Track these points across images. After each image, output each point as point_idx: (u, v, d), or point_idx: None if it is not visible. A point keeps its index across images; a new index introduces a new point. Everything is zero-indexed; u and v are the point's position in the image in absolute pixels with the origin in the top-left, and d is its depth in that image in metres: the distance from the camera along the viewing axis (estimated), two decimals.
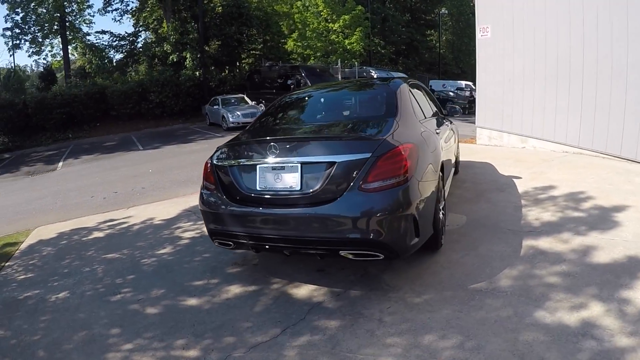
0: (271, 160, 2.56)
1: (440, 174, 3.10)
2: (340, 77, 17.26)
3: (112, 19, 54.01)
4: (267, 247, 2.64)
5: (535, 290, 2.41)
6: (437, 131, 3.39)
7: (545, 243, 3.00)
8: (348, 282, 2.77)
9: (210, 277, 3.14)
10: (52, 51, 23.11)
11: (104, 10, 23.57)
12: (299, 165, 2.48)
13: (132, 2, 24.51)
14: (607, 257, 2.71)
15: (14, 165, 13.11)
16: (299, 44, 17.77)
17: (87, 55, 23.24)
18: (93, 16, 23.64)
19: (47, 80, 21.75)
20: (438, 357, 1.94)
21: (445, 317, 2.24)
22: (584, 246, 2.89)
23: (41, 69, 25.29)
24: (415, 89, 3.75)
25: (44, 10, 20.88)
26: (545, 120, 5.86)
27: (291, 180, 2.49)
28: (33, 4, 20.47)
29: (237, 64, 24.70)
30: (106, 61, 22.59)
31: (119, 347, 2.38)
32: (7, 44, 21.85)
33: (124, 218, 5.16)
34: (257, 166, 2.62)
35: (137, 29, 24.17)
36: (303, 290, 2.74)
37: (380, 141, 2.43)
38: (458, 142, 5.35)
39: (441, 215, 3.07)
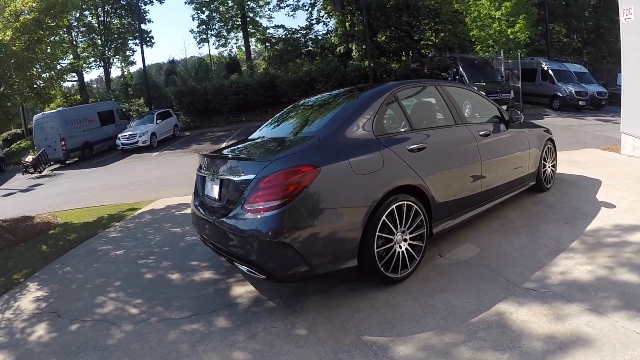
0: (209, 172, 3.11)
1: (410, 198, 2.92)
2: (503, 69, 15.61)
3: (286, 14, 62.40)
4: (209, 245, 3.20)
5: None
6: (416, 147, 3.06)
7: (525, 314, 2.43)
8: (279, 293, 3.05)
9: (206, 260, 3.89)
10: (237, 43, 28.54)
11: (278, 6, 27.55)
12: (219, 179, 2.94)
13: None
14: None
15: (188, 142, 17.17)
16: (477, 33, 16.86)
17: (263, 46, 27.50)
18: (273, 11, 27.62)
19: (231, 70, 26.83)
20: None
21: (302, 357, 2.27)
22: (576, 335, 2.19)
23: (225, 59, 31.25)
24: (411, 97, 3.53)
25: (225, 9, 25.83)
26: None
27: (216, 192, 2.98)
28: (216, 3, 25.59)
29: (410, 54, 25.02)
30: (278, 53, 26.13)
31: (108, 294, 3.41)
32: (195, 39, 27.81)
33: None
34: (205, 177, 3.20)
35: (309, 23, 27.24)
36: (242, 289, 3.18)
37: (267, 163, 2.57)
38: (543, 152, 4.67)
39: (402, 247, 2.91)
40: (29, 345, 2.72)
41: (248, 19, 26.76)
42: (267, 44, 27.02)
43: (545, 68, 15.81)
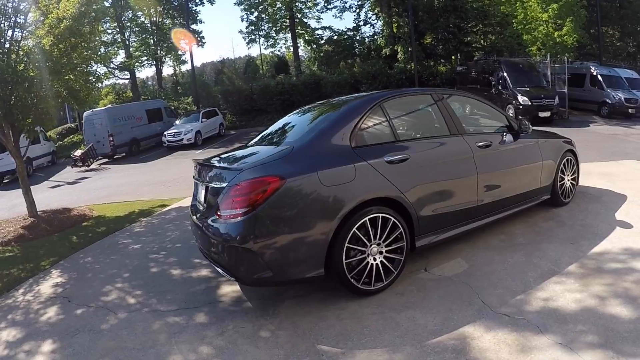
0: (199, 178, 3.37)
1: (387, 210, 2.94)
2: (549, 74, 14.89)
3: (333, 15, 63.11)
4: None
5: None
6: (396, 159, 3.05)
7: (489, 341, 2.32)
8: (259, 295, 3.24)
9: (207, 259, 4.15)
10: (285, 44, 29.00)
11: (325, 8, 27.77)
12: (205, 185, 3.18)
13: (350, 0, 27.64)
14: None
15: (231, 141, 17.72)
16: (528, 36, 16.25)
17: (310, 48, 27.97)
18: (322, 12, 27.76)
19: (279, 70, 27.46)
20: None
21: (256, 359, 2.39)
22: None
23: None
24: (402, 108, 3.55)
25: (274, 10, 26.41)
26: None
27: (202, 197, 3.23)
28: (265, 4, 26.20)
29: (459, 56, 24.47)
30: (323, 54, 26.47)
31: (115, 284, 3.80)
32: (245, 39, 28.51)
33: None
34: (197, 183, 3.47)
35: (357, 24, 27.31)
36: (229, 289, 3.42)
37: (238, 172, 2.75)
38: (561, 164, 4.46)
39: (376, 260, 2.94)
40: (38, 325, 3.14)
41: (296, 20, 27.23)
42: (314, 45, 27.44)
43: (594, 73, 14.91)
